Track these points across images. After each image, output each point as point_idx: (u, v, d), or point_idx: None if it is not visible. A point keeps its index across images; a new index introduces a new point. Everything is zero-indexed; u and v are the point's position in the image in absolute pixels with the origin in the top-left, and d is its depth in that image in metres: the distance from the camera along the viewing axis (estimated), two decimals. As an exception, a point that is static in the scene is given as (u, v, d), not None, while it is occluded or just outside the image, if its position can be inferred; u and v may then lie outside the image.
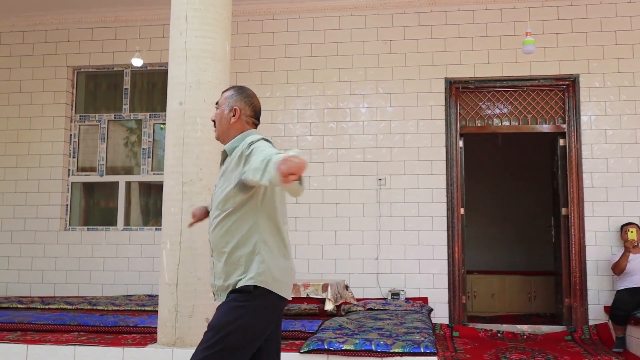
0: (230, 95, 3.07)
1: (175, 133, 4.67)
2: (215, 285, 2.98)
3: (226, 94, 3.10)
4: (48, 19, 8.44)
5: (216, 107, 3.10)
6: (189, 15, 4.63)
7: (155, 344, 4.65)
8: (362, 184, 7.64)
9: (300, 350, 4.42)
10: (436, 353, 4.29)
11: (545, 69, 7.47)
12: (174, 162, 4.65)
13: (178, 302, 4.50)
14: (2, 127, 8.42)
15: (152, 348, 4.59)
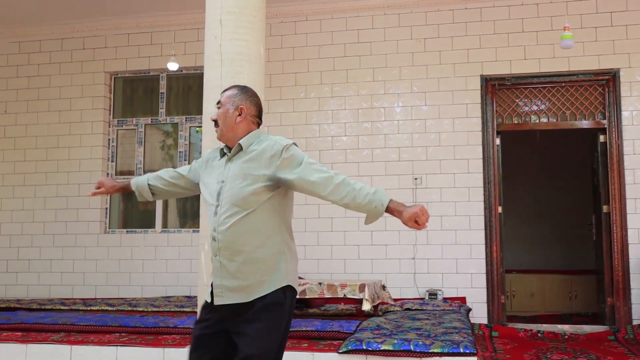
0: (235, 94, 3.00)
1: (212, 136, 4.66)
2: (224, 285, 2.83)
3: (229, 93, 3.02)
4: (86, 26, 8.59)
5: (218, 106, 3.02)
6: (224, 19, 4.66)
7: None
8: (398, 183, 7.60)
9: (339, 350, 4.42)
10: (476, 353, 4.25)
11: (584, 63, 7.34)
12: (210, 165, 4.68)
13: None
14: (43, 132, 8.59)
15: (191, 349, 4.62)
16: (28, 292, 8.34)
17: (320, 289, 5.80)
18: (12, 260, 8.48)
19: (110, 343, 4.87)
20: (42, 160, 8.58)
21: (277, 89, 7.94)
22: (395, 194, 7.48)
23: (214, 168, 3.00)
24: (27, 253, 8.45)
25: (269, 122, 7.73)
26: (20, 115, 8.70)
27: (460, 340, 4.46)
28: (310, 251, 7.68)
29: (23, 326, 5.56)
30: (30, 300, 7.54)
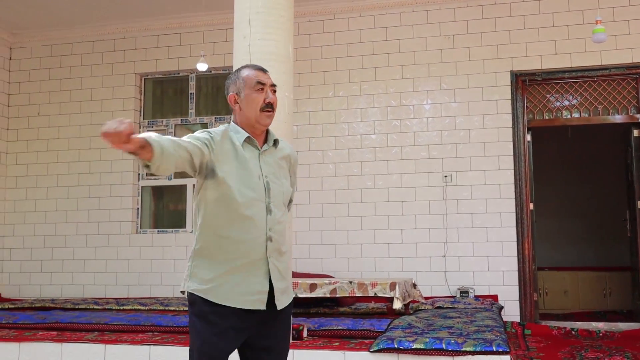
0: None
1: (241, 135, 4.72)
2: (279, 288, 2.64)
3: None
4: (116, 28, 8.69)
5: (275, 89, 2.76)
6: (252, 19, 4.68)
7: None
8: (428, 181, 7.56)
9: (370, 349, 4.41)
10: (509, 351, 4.21)
11: (616, 57, 7.23)
12: (240, 164, 4.70)
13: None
14: (75, 134, 8.71)
15: (223, 348, 4.65)
16: (62, 291, 8.47)
17: (350, 288, 5.79)
18: (46, 260, 8.61)
19: (143, 342, 4.92)
20: (75, 161, 8.70)
21: (305, 88, 7.94)
22: (425, 191, 7.50)
23: (245, 159, 2.64)
24: (61, 253, 8.58)
25: (298, 121, 7.75)
26: (52, 117, 8.83)
27: (493, 338, 4.42)
28: (340, 250, 7.68)
29: (58, 325, 5.65)
30: (65, 300, 7.65)
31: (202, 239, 2.60)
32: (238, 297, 2.55)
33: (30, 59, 9.02)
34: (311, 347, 4.56)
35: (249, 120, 2.68)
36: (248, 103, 2.67)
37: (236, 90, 2.70)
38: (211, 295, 2.55)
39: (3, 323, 5.83)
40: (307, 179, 7.80)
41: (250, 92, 2.67)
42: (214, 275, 2.56)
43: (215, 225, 2.58)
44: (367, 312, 6.42)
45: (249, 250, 2.58)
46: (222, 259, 2.57)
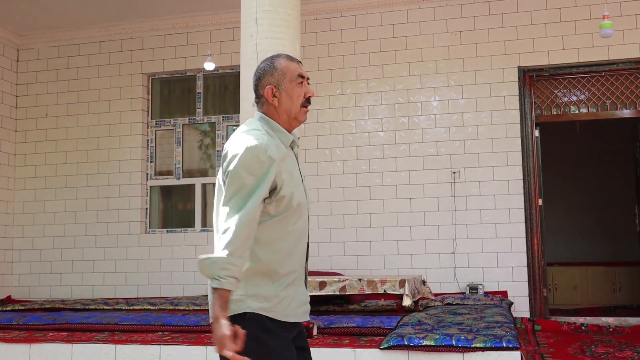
0: None
1: (249, 134, 4.72)
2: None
3: None
4: (123, 28, 8.70)
5: (309, 81, 2.57)
6: (259, 17, 4.68)
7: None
8: (436, 178, 7.55)
9: (380, 346, 4.41)
10: (519, 347, 4.21)
11: (624, 52, 7.19)
12: (249, 163, 4.70)
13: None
14: (83, 135, 8.74)
15: (234, 346, 4.66)
16: (72, 292, 8.50)
17: (360, 285, 5.80)
18: (56, 261, 8.65)
19: (154, 342, 4.93)
20: (83, 162, 8.73)
21: (312, 86, 7.90)
22: (433, 188, 7.49)
23: (291, 164, 2.44)
24: (70, 254, 8.61)
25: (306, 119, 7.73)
26: (60, 119, 8.85)
27: (503, 334, 4.42)
28: (349, 247, 7.68)
29: (68, 326, 5.67)
30: (75, 301, 7.68)
31: (257, 255, 2.34)
32: (295, 310, 2.43)
33: (37, 61, 9.05)
34: (321, 345, 4.56)
35: (287, 115, 2.46)
36: (289, 97, 2.44)
37: (275, 83, 2.43)
38: (276, 313, 2.35)
39: (13, 324, 5.86)
40: (316, 177, 7.80)
41: (292, 85, 2.45)
42: (274, 292, 2.36)
43: (272, 240, 2.36)
44: (377, 310, 6.42)
45: (299, 261, 2.46)
46: (280, 274, 2.37)
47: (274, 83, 2.43)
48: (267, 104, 2.45)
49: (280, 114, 2.45)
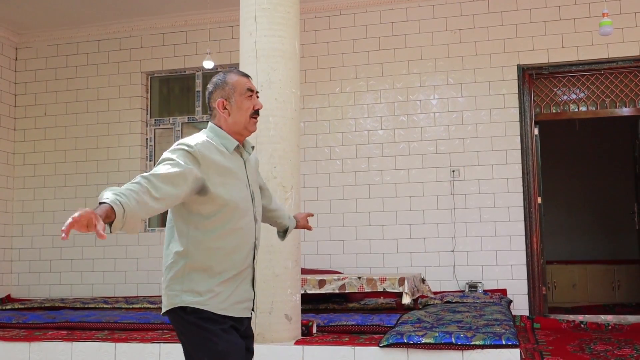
0: None
1: (249, 132, 4.72)
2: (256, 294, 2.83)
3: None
4: (122, 27, 8.70)
5: (258, 95, 2.79)
6: (258, 16, 4.68)
7: (236, 341, 4.72)
8: (436, 176, 7.56)
9: (380, 344, 4.41)
10: (518, 345, 4.21)
11: (624, 50, 7.19)
12: (248, 161, 4.70)
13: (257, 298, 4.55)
14: (82, 134, 8.73)
15: (233, 344, 4.66)
16: (72, 291, 8.50)
17: (359, 283, 5.80)
18: (55, 260, 8.64)
19: (154, 340, 4.93)
20: (82, 160, 8.72)
21: (312, 84, 7.94)
22: (433, 186, 7.49)
23: (234, 168, 2.64)
24: (70, 253, 8.60)
25: (305, 118, 7.75)
26: (60, 117, 8.85)
27: (502, 332, 4.42)
28: (348, 246, 7.69)
29: (68, 325, 5.67)
30: (74, 299, 7.68)
31: (193, 253, 2.55)
32: (232, 306, 2.61)
33: (36, 59, 9.04)
34: (321, 343, 4.56)
35: (237, 126, 2.67)
36: (239, 109, 2.66)
37: (225, 96, 2.66)
38: (209, 306, 2.54)
39: (13, 323, 5.86)
40: (315, 176, 7.81)
41: (241, 99, 2.66)
42: (208, 287, 2.55)
43: (208, 239, 2.55)
44: (376, 308, 6.42)
45: (241, 260, 2.64)
46: (216, 270, 2.56)
47: (225, 96, 2.66)
48: (218, 115, 2.68)
49: (230, 124, 2.67)
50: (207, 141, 2.58)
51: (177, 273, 2.57)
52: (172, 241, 2.61)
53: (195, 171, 2.44)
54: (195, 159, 2.48)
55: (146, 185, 2.30)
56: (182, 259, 2.56)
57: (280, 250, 4.51)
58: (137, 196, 2.24)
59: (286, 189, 4.63)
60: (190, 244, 2.55)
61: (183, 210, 2.57)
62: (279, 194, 4.56)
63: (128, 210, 2.19)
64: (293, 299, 4.64)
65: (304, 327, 4.80)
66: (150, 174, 2.36)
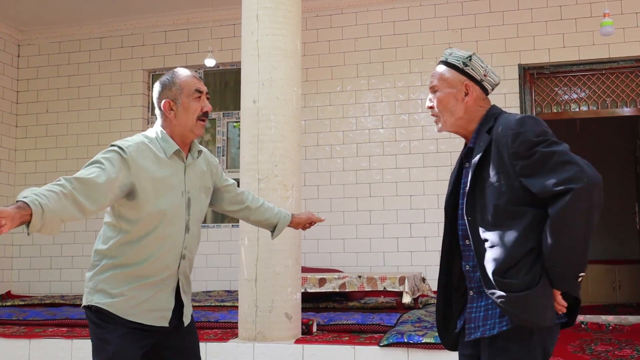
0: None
1: (250, 131, 4.74)
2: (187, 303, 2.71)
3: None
4: (124, 24, 8.70)
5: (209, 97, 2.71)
6: (260, 14, 4.68)
7: (237, 339, 4.74)
8: (436, 175, 7.55)
9: (380, 343, 4.42)
10: (519, 345, 4.20)
11: (625, 50, 7.18)
12: (249, 160, 4.72)
13: (257, 297, 4.57)
14: (83, 131, 8.74)
15: (233, 343, 4.68)
16: (72, 288, 8.50)
17: (360, 282, 5.80)
18: (55, 256, 8.65)
19: (154, 337, 4.93)
20: (83, 158, 8.71)
21: (313, 83, 7.94)
22: (433, 185, 7.48)
23: (168, 174, 2.55)
24: (70, 250, 8.61)
25: (306, 116, 7.75)
26: (61, 114, 8.85)
27: (503, 332, 4.41)
28: (349, 244, 7.69)
29: (68, 322, 5.68)
30: (74, 296, 7.68)
31: (114, 254, 2.50)
32: (144, 313, 2.52)
33: (38, 56, 9.04)
34: (321, 342, 4.57)
35: (183, 129, 2.57)
36: (185, 111, 2.56)
37: (172, 97, 2.55)
38: (115, 308, 2.48)
39: (13, 319, 5.87)
40: (316, 174, 7.81)
41: (188, 100, 2.56)
42: (121, 290, 2.49)
43: (131, 243, 2.49)
44: (377, 307, 6.42)
45: (163, 268, 2.54)
46: (134, 275, 2.50)
47: (172, 97, 2.55)
48: (164, 116, 2.58)
49: (176, 126, 2.56)
50: (142, 143, 2.51)
51: (96, 271, 2.54)
52: (98, 239, 2.59)
53: (121, 178, 2.38)
54: (125, 162, 2.41)
55: (69, 188, 2.21)
56: (103, 258, 2.53)
57: (281, 249, 4.52)
58: (57, 198, 2.13)
59: (287, 187, 4.64)
60: (113, 245, 2.50)
61: (112, 212, 2.53)
62: (280, 192, 4.57)
63: (47, 211, 2.06)
64: (293, 297, 4.64)
65: (304, 325, 4.81)
66: (75, 177, 2.27)
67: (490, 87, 2.47)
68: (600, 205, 2.23)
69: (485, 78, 2.46)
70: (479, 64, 2.46)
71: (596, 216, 2.24)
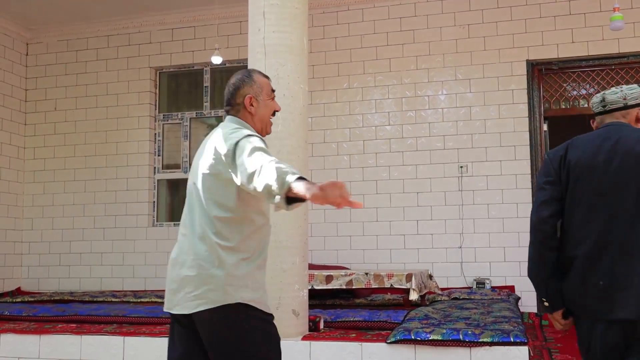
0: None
1: (256, 128, 4.73)
2: None
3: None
4: (131, 22, 8.71)
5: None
6: (267, 11, 4.67)
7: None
8: (443, 172, 7.54)
9: (387, 340, 4.41)
10: (527, 342, 4.20)
11: (635, 45, 7.14)
12: (256, 157, 4.70)
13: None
14: (91, 128, 8.77)
15: (241, 339, 4.67)
16: (81, 284, 8.54)
17: (367, 279, 5.80)
18: (64, 253, 8.69)
19: (162, 334, 4.95)
20: (91, 155, 8.76)
21: (320, 80, 7.93)
22: (440, 182, 7.46)
23: None
24: (78, 246, 8.65)
25: (313, 113, 7.75)
26: (69, 112, 8.89)
27: (510, 329, 4.41)
28: (355, 241, 7.69)
29: (77, 318, 5.70)
30: (83, 293, 7.71)
31: (247, 247, 2.56)
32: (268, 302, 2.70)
33: (46, 54, 9.08)
34: (328, 339, 4.57)
35: (261, 124, 2.74)
36: (264, 108, 2.73)
37: (253, 94, 2.71)
38: (263, 305, 2.61)
39: (23, 315, 5.90)
40: (322, 171, 7.80)
41: (267, 99, 2.74)
42: (260, 284, 2.62)
43: (260, 234, 2.62)
44: (384, 304, 6.43)
45: (266, 257, 2.71)
46: (262, 266, 2.63)
47: (253, 94, 2.71)
48: (242, 110, 2.72)
49: (254, 122, 2.73)
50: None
51: (229, 266, 2.53)
52: (214, 236, 2.53)
53: None
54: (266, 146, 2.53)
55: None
56: (235, 254, 2.54)
57: (288, 246, 4.52)
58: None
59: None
60: (246, 238, 2.56)
61: (239, 204, 2.54)
62: (287, 189, 4.56)
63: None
64: (300, 294, 4.64)
65: (311, 322, 4.81)
66: (273, 159, 2.36)
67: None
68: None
69: None
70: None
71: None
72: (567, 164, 2.63)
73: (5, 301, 7.31)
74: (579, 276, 2.60)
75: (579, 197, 2.60)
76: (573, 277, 2.62)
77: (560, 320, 2.74)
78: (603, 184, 2.57)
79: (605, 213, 2.55)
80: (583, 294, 2.59)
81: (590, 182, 2.59)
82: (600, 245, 2.55)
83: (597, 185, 2.58)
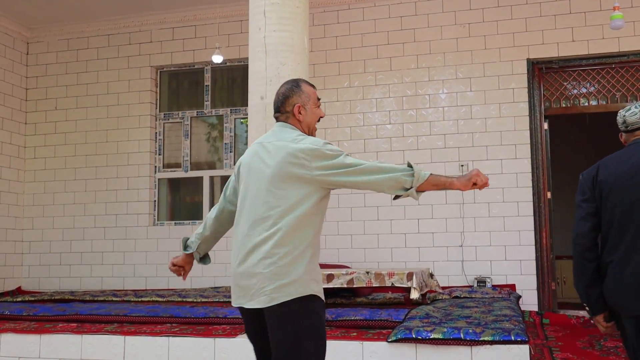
0: None
1: (258, 127, 4.74)
2: None
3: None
4: (131, 21, 8.71)
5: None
6: (267, 10, 4.68)
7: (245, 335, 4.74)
8: (444, 170, 7.52)
9: (388, 339, 4.41)
10: (527, 341, 4.20)
11: (635, 43, 7.14)
12: (257, 156, 4.70)
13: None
14: (92, 127, 8.77)
15: (242, 338, 4.68)
16: (81, 284, 8.55)
17: (367, 278, 5.80)
18: (65, 253, 8.69)
19: (162, 333, 4.95)
20: (92, 154, 8.76)
21: (320, 79, 7.93)
22: (441, 181, 7.41)
23: None
24: (79, 246, 8.65)
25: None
26: (70, 111, 8.89)
27: (511, 328, 4.41)
28: (356, 240, 7.69)
29: (78, 317, 5.70)
30: (84, 292, 7.71)
31: (313, 244, 2.81)
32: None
33: (47, 54, 9.08)
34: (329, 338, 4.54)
35: (308, 129, 2.97)
36: (311, 115, 2.97)
37: (302, 103, 2.93)
38: (322, 295, 2.87)
39: (24, 315, 5.90)
40: (323, 170, 7.78)
41: (313, 107, 2.97)
42: (320, 276, 2.89)
43: (320, 230, 2.89)
44: (385, 302, 6.42)
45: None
46: (318, 261, 2.90)
47: (301, 103, 2.94)
48: (292, 117, 2.95)
49: (303, 127, 2.96)
50: None
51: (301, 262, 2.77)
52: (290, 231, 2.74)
53: None
54: None
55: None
56: (302, 249, 2.77)
57: (289, 245, 4.51)
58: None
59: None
60: (313, 235, 2.81)
61: (317, 205, 2.80)
62: (288, 188, 4.56)
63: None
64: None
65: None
66: (371, 163, 2.85)
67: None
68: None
69: None
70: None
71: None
72: (599, 183, 3.08)
73: (5, 300, 7.31)
74: (615, 278, 2.91)
75: (612, 211, 2.96)
76: (610, 280, 2.94)
77: (602, 322, 3.11)
78: (631, 196, 2.91)
79: (636, 221, 2.87)
80: (620, 294, 2.89)
81: (620, 196, 2.94)
82: (631, 249, 2.85)
83: (626, 198, 2.92)
